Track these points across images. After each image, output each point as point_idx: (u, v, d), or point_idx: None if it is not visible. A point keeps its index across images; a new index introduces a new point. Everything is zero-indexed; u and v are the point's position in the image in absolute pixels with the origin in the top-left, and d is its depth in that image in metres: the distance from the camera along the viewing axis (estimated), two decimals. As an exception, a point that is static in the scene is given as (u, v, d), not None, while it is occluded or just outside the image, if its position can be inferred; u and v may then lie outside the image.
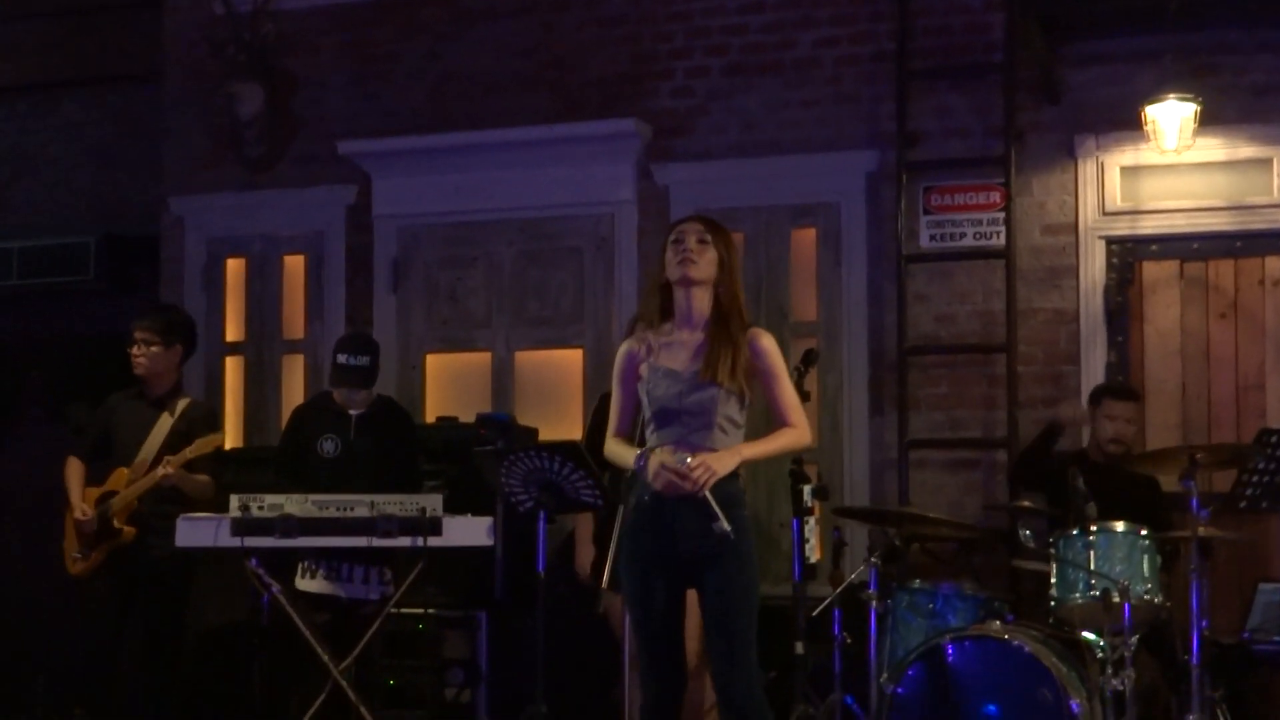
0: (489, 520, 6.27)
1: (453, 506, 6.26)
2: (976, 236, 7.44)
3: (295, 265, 8.59)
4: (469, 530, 6.22)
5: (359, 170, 8.36)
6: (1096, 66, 7.32)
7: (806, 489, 6.05)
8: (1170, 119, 6.93)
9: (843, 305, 7.60)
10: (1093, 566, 5.81)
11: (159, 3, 8.92)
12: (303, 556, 6.40)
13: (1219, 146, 7.14)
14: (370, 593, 6.44)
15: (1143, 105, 6.95)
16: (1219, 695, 5.90)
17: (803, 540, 6.02)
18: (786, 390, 4.86)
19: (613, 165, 7.92)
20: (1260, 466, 5.87)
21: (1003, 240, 7.34)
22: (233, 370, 8.65)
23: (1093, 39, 7.26)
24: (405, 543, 6.12)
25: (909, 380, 7.40)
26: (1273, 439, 5.87)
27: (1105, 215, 7.30)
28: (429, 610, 6.98)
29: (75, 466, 6.72)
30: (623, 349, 4.95)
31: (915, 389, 7.43)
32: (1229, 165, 7.16)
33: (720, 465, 4.63)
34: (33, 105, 9.99)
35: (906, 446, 7.38)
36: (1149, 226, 7.27)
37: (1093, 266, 7.30)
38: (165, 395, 6.77)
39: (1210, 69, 7.13)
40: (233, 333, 8.67)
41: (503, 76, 8.22)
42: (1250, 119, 7.14)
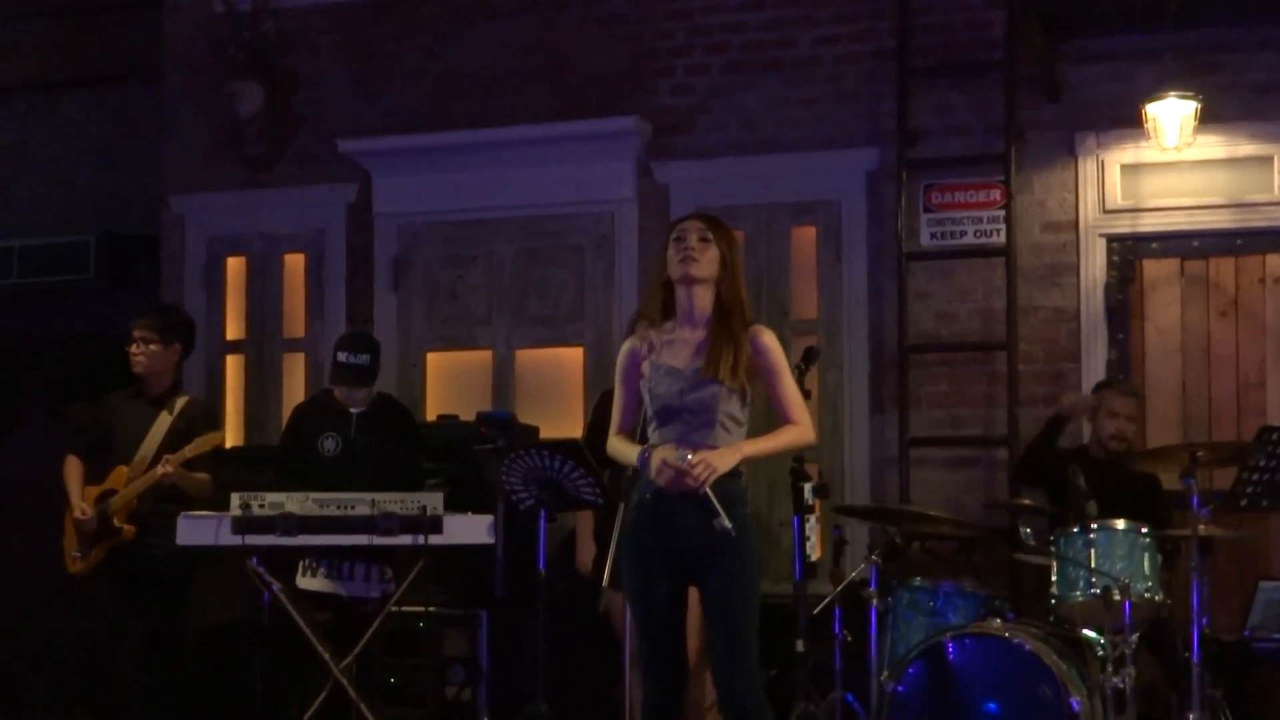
0: (489, 518, 6.27)
1: (453, 505, 6.26)
2: (977, 234, 7.44)
3: (296, 264, 8.59)
4: (469, 528, 6.22)
5: (359, 168, 8.36)
6: (1097, 64, 7.32)
7: (807, 487, 6.04)
8: (1171, 117, 6.93)
9: (843, 303, 7.60)
10: (1093, 564, 5.82)
11: (159, 2, 8.92)
12: (303, 555, 6.41)
13: (1219, 144, 7.14)
14: (371, 591, 6.44)
15: (1143, 103, 6.95)
16: (1219, 693, 5.89)
17: (803, 538, 6.01)
18: (789, 388, 4.85)
19: (613, 163, 7.92)
20: (1261, 464, 5.86)
21: (1003, 238, 7.34)
22: (233, 369, 8.65)
23: (1093, 37, 7.26)
24: (406, 541, 6.12)
25: (909, 378, 7.40)
26: (1273, 437, 5.86)
27: (1106, 213, 7.30)
28: (430, 608, 6.97)
29: (74, 465, 6.72)
30: (625, 347, 4.95)
31: (916, 387, 7.43)
32: (1229, 163, 7.16)
33: (721, 462, 4.63)
34: (33, 104, 9.99)
35: (907, 444, 7.38)
36: (1149, 224, 7.27)
37: (1093, 264, 7.30)
38: (164, 394, 6.77)
39: (1211, 67, 7.13)
40: (233, 331, 8.67)
41: (503, 75, 8.22)
42: (1251, 117, 7.14)
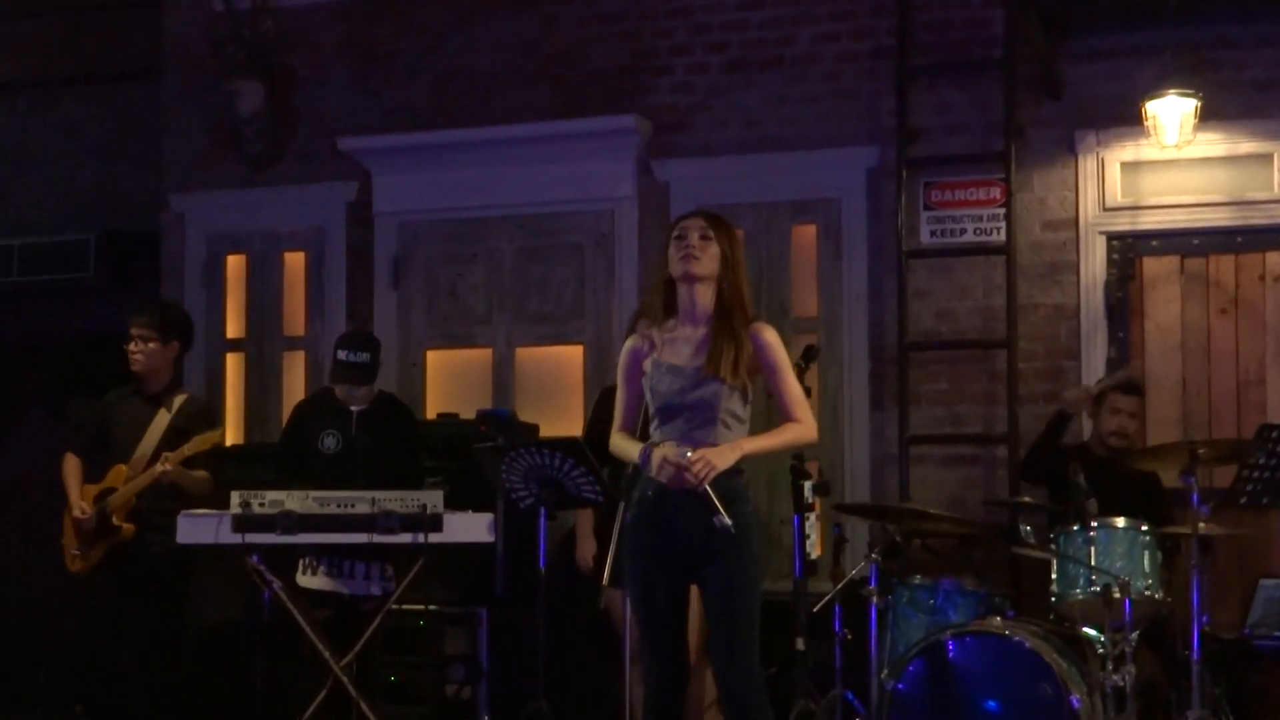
0: (490, 516, 6.27)
1: (453, 503, 6.26)
2: (977, 232, 7.44)
3: (296, 262, 8.59)
4: (470, 526, 6.23)
5: (359, 167, 8.36)
6: (1097, 62, 7.31)
7: (807, 485, 6.05)
8: (1171, 114, 6.92)
9: (843, 301, 7.60)
10: (1093, 562, 5.82)
11: (159, 1, 8.91)
12: (304, 553, 6.40)
13: (1219, 142, 7.14)
14: (371, 589, 6.44)
15: (1143, 101, 6.94)
16: (1219, 691, 5.90)
17: (803, 536, 6.02)
18: (790, 385, 4.85)
19: (613, 161, 7.92)
20: (1261, 462, 5.87)
21: (1003, 236, 7.34)
22: (233, 367, 8.65)
23: (1093, 34, 7.26)
24: (406, 539, 6.12)
25: (909, 376, 7.40)
26: (1273, 434, 5.87)
27: (1106, 211, 7.30)
28: (430, 607, 6.97)
29: (73, 463, 6.72)
30: (627, 345, 4.96)
31: (916, 384, 7.43)
32: (1229, 161, 7.16)
33: (720, 460, 4.63)
34: (33, 103, 9.98)
35: (907, 442, 7.38)
36: (1149, 222, 7.27)
37: (1093, 262, 7.30)
38: (162, 391, 6.77)
39: (1211, 64, 7.12)
40: (233, 329, 8.67)
41: (503, 73, 8.22)
42: (1251, 114, 7.14)
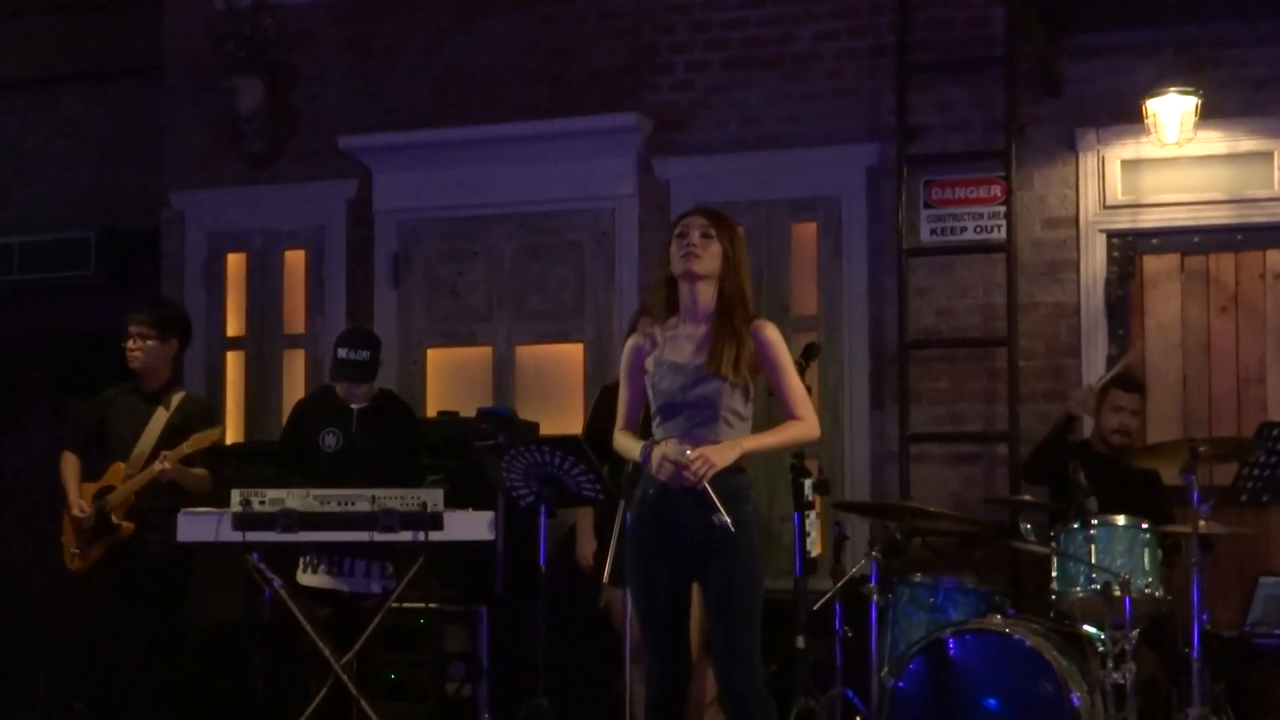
0: (490, 515, 6.26)
1: (454, 501, 6.26)
2: (977, 230, 7.44)
3: (296, 260, 8.58)
4: (470, 525, 6.22)
5: (359, 165, 8.36)
6: (1097, 60, 7.31)
7: (807, 483, 6.05)
8: (1171, 112, 6.92)
9: (843, 299, 7.60)
10: (1093, 560, 5.82)
11: (159, -2, 8.94)
12: (304, 551, 6.40)
13: (1220, 140, 7.14)
14: (371, 587, 6.43)
15: (1143, 98, 6.94)
16: (1220, 689, 5.90)
17: (804, 534, 6.02)
18: (792, 382, 4.84)
19: (613, 159, 7.91)
20: (1261, 460, 5.88)
21: (1003, 234, 7.34)
22: (233, 365, 8.64)
23: (1093, 32, 7.26)
24: (406, 537, 6.12)
25: (910, 374, 7.40)
26: (1273, 432, 5.87)
27: (1106, 209, 7.30)
28: (430, 605, 6.97)
29: (71, 462, 6.71)
30: (630, 343, 4.96)
31: (916, 383, 7.43)
32: (1230, 158, 7.16)
33: (719, 458, 4.63)
34: (33, 101, 9.98)
35: (907, 440, 7.38)
36: (1150, 220, 7.27)
37: (1093, 260, 7.30)
38: (160, 389, 6.76)
39: (1211, 62, 7.13)
40: (233, 327, 8.66)
41: (503, 71, 8.22)
42: (1251, 112, 7.13)
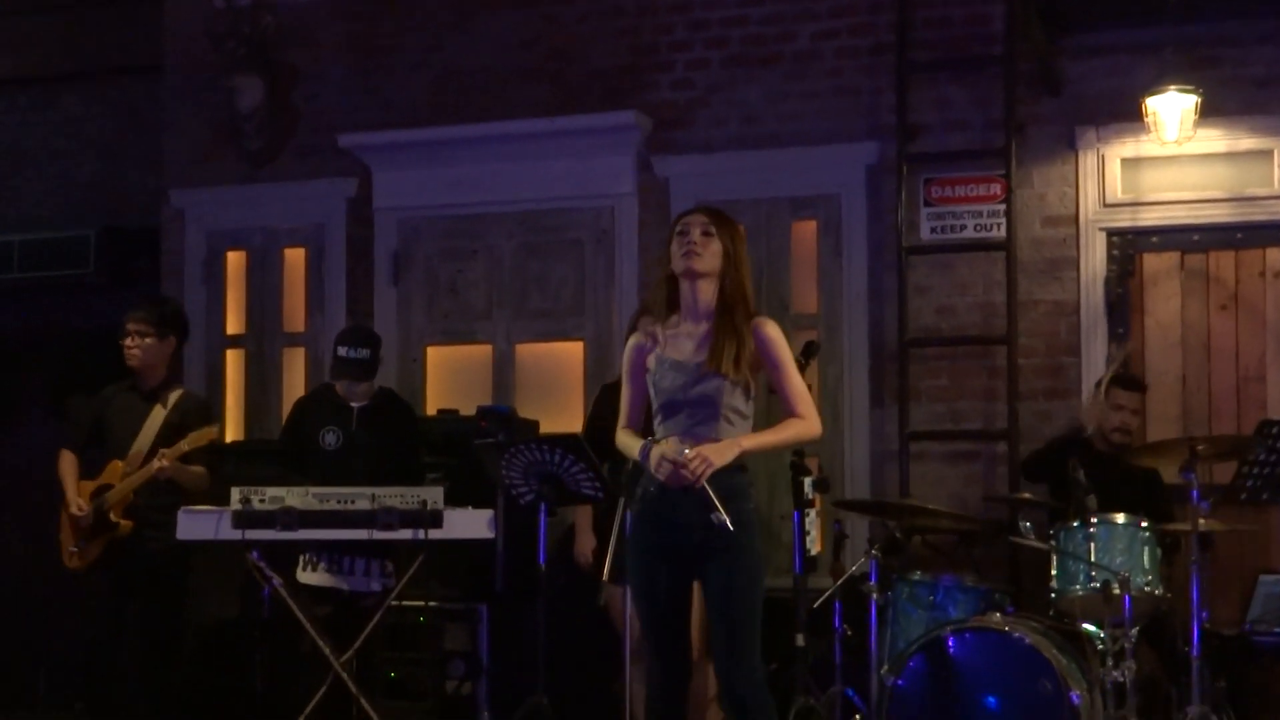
0: (490, 513, 6.27)
1: (453, 499, 6.26)
2: (977, 228, 7.44)
3: (296, 258, 8.58)
4: (470, 523, 6.22)
5: (359, 163, 8.36)
6: (1097, 58, 7.31)
7: (807, 481, 6.05)
8: (1171, 111, 6.92)
9: (843, 297, 7.59)
10: (1093, 558, 5.82)
11: (159, -4, 8.93)
12: (304, 549, 6.41)
13: (1220, 138, 7.14)
14: (371, 585, 6.44)
15: (1143, 97, 6.94)
16: (1219, 687, 5.89)
17: (803, 532, 6.02)
18: (793, 380, 4.84)
19: (613, 157, 7.91)
20: (1261, 458, 5.86)
21: (1003, 232, 7.34)
22: (233, 363, 8.64)
23: (1093, 31, 7.26)
24: (406, 535, 6.13)
25: (909, 372, 7.40)
26: (1273, 430, 5.86)
27: (1106, 207, 7.30)
28: (430, 603, 6.98)
29: (69, 460, 6.71)
30: (631, 342, 4.96)
31: (916, 381, 7.43)
32: (1230, 157, 7.16)
33: (718, 457, 4.62)
34: (33, 99, 9.98)
35: (907, 438, 7.38)
36: (1150, 218, 7.27)
37: (1093, 258, 7.29)
38: (158, 387, 6.77)
39: (1211, 61, 7.13)
40: (233, 326, 8.66)
41: (503, 69, 8.21)
42: (1251, 110, 7.13)
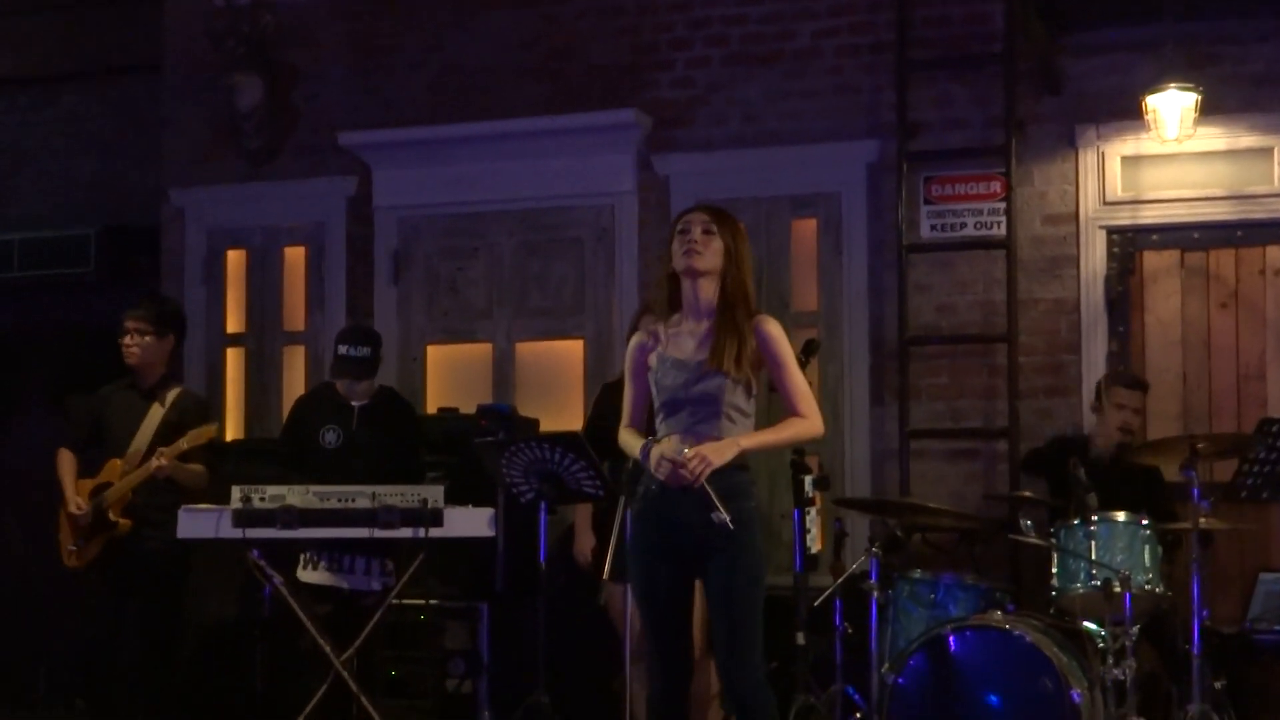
0: (490, 511, 6.27)
1: (454, 497, 6.26)
2: (977, 226, 7.44)
3: (296, 257, 8.58)
4: (470, 521, 6.22)
5: (359, 161, 8.36)
6: (1097, 56, 7.31)
7: (807, 479, 6.05)
8: (1171, 109, 6.93)
9: (843, 295, 7.60)
10: (1094, 556, 5.82)
11: (159, -5, 8.93)
12: (304, 548, 6.41)
13: (1220, 136, 7.14)
14: (372, 584, 6.44)
15: (1143, 95, 6.94)
16: (1220, 685, 5.90)
17: (804, 531, 6.02)
18: (794, 379, 4.83)
19: (613, 156, 7.91)
20: (1261, 456, 5.87)
21: (1003, 230, 7.34)
22: (233, 361, 8.64)
23: (1093, 29, 7.26)
24: (406, 534, 6.12)
25: (910, 370, 7.40)
26: (1273, 429, 5.87)
27: (1106, 205, 7.30)
28: (430, 601, 6.98)
29: (67, 458, 6.71)
30: (633, 341, 4.96)
31: (916, 379, 7.43)
32: (1230, 155, 7.16)
33: (716, 456, 4.62)
34: (33, 98, 9.97)
35: (907, 436, 7.38)
36: (1150, 216, 7.27)
37: (1093, 256, 7.30)
38: (156, 385, 6.76)
39: (1211, 58, 7.13)
40: (233, 324, 8.66)
41: (503, 67, 8.21)
42: (1251, 108, 7.13)
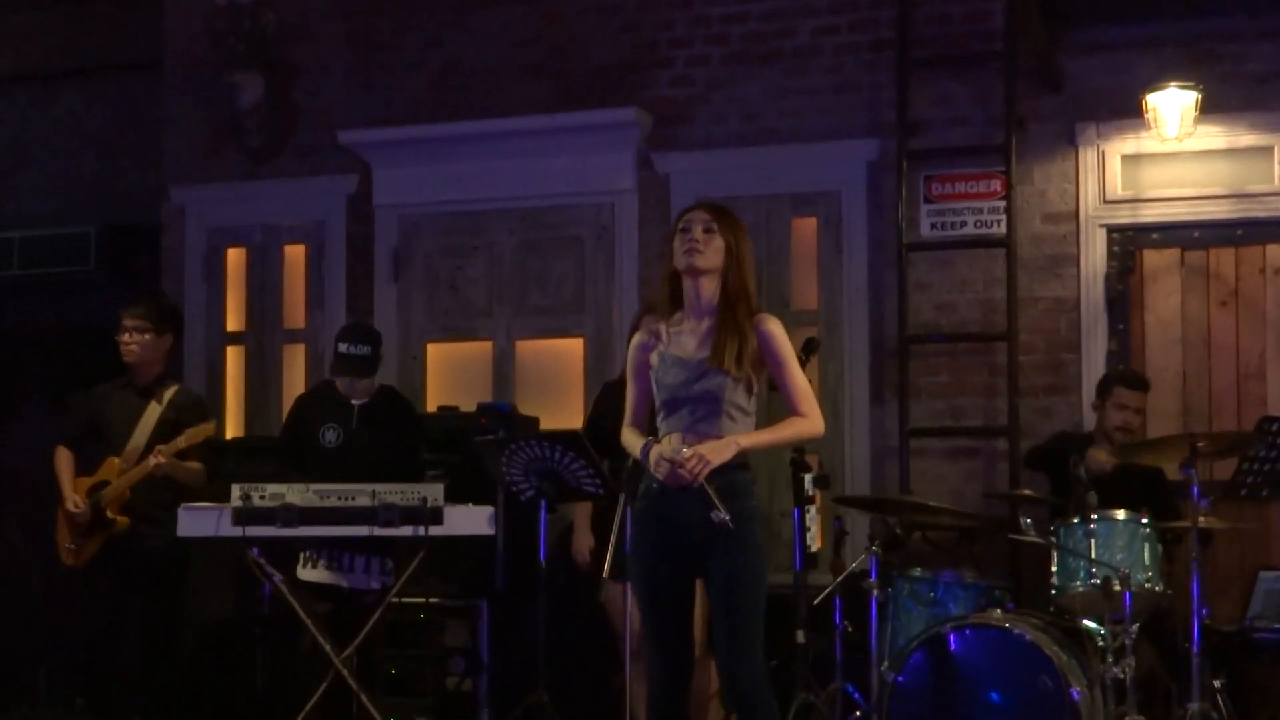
0: (490, 509, 6.27)
1: (454, 496, 6.26)
2: (977, 225, 7.44)
3: (296, 255, 8.58)
4: (470, 519, 6.23)
5: (359, 160, 8.35)
6: (1097, 55, 7.31)
7: (807, 478, 6.05)
8: (1171, 107, 6.93)
9: (843, 294, 7.60)
10: (1093, 555, 5.82)
11: (159, -7, 8.92)
12: (304, 546, 6.41)
13: (1220, 134, 7.14)
14: (371, 582, 6.44)
15: (1144, 93, 6.95)
16: (1219, 683, 5.90)
17: (804, 529, 6.02)
18: (795, 377, 4.82)
19: (613, 154, 7.91)
20: (1261, 454, 5.87)
21: (1003, 229, 7.34)
22: (234, 360, 8.65)
23: (1093, 27, 7.26)
24: (406, 532, 6.13)
25: (910, 369, 7.40)
26: (1273, 427, 5.87)
27: (1106, 203, 7.30)
28: (430, 599, 6.98)
29: (64, 457, 6.72)
30: (635, 340, 4.96)
31: (916, 377, 7.43)
32: (1230, 153, 7.16)
33: (715, 455, 4.62)
34: (33, 96, 9.96)
35: (907, 435, 7.38)
36: (1150, 214, 7.27)
37: (1093, 255, 7.30)
38: (153, 383, 6.78)
39: (1211, 57, 7.13)
40: (233, 322, 8.66)
41: (503, 66, 8.21)
42: (1251, 107, 7.13)
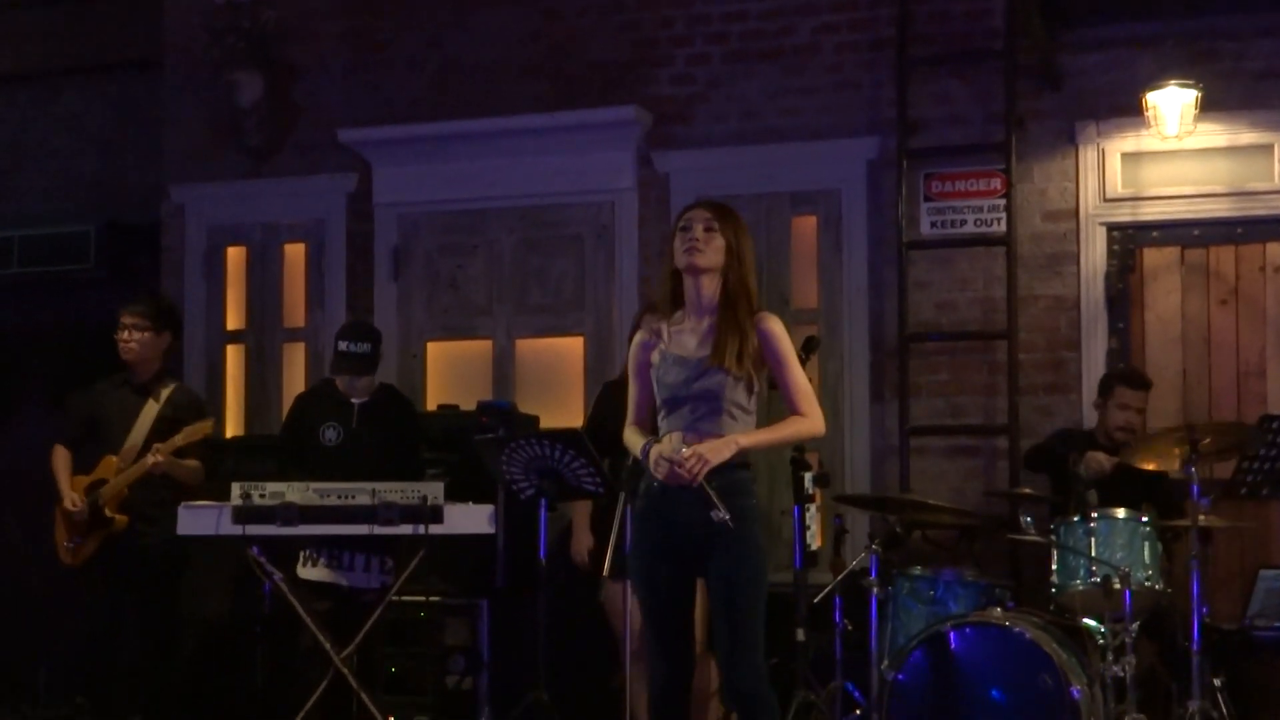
0: (490, 508, 6.27)
1: (454, 494, 6.26)
2: (977, 223, 7.44)
3: (296, 253, 8.58)
4: (470, 518, 6.23)
5: (359, 158, 8.35)
6: (1097, 53, 7.31)
7: (807, 476, 6.05)
8: (1171, 105, 6.93)
9: (843, 292, 7.60)
10: (1093, 553, 5.82)
11: (159, -8, 8.92)
12: (304, 545, 6.41)
13: (1220, 132, 7.14)
14: (371, 581, 6.44)
15: (1144, 91, 6.95)
16: (1219, 682, 5.90)
17: (804, 527, 6.02)
18: (795, 376, 4.82)
19: (613, 153, 7.91)
20: (1261, 453, 5.87)
21: (1003, 227, 7.34)
22: (233, 358, 8.64)
23: (1093, 25, 7.26)
24: (406, 530, 6.13)
25: (910, 367, 7.40)
26: (1274, 425, 5.87)
27: (1106, 202, 7.30)
28: (430, 598, 6.98)
29: (62, 455, 6.72)
30: (636, 339, 4.97)
31: (916, 376, 7.43)
32: (1230, 151, 7.16)
33: (714, 455, 4.62)
34: (33, 95, 9.96)
35: (907, 433, 7.38)
36: (1150, 213, 7.27)
37: (1094, 253, 7.29)
38: (150, 381, 6.78)
39: (1211, 55, 7.13)
40: (233, 321, 8.66)
41: (503, 64, 8.21)
42: (1251, 105, 7.13)
